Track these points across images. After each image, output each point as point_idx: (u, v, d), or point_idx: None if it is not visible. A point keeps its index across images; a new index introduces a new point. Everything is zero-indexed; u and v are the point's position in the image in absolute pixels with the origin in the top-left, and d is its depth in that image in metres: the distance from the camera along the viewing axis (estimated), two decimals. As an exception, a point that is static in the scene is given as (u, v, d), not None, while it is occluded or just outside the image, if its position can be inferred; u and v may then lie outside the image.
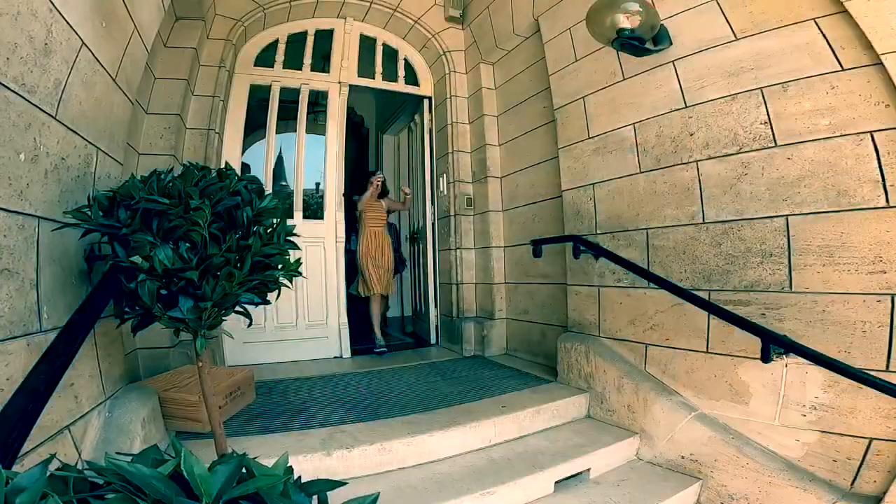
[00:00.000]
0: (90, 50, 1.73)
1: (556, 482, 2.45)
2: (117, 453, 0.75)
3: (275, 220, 1.71)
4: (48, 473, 0.62)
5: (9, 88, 1.29)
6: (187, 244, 1.46)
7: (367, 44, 5.06)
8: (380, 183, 5.13)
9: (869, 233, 2.04)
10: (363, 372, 3.97)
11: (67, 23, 1.57)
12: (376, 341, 4.79)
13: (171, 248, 1.41)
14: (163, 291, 1.47)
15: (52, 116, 1.52)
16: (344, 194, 4.78)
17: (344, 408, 2.95)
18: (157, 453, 0.74)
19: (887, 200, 2.00)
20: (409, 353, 4.85)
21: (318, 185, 7.83)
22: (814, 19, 2.23)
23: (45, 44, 1.46)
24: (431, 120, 5.40)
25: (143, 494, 0.61)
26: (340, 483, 0.84)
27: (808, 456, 2.21)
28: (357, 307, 5.06)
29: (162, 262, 1.38)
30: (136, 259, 1.38)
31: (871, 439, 2.01)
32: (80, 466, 0.77)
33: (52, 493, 0.57)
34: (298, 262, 1.76)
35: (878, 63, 2.01)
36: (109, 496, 0.71)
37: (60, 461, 0.68)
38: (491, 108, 4.81)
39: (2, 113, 1.27)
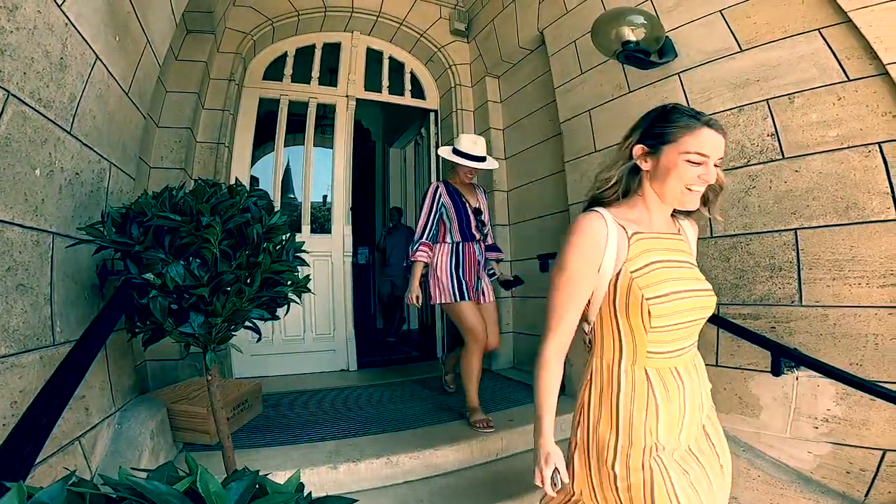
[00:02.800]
0: (104, 64, 1.75)
1: (565, 496, 2.43)
2: (132, 469, 0.76)
3: (284, 237, 1.72)
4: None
5: (25, 103, 1.30)
6: (198, 261, 1.47)
7: (373, 57, 5.11)
8: None
9: (879, 246, 2.03)
10: (370, 385, 3.96)
11: (82, 37, 1.58)
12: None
13: (183, 265, 1.42)
14: (174, 307, 1.48)
15: (66, 131, 1.54)
16: (351, 208, 4.79)
17: (350, 421, 2.94)
18: (172, 470, 0.74)
19: (897, 213, 1.99)
20: (415, 366, 4.84)
21: (324, 197, 7.89)
22: (818, 30, 2.23)
23: (61, 58, 1.47)
24: (438, 133, 5.42)
25: (159, 511, 0.62)
26: (351, 500, 0.84)
27: (820, 468, 2.18)
28: (364, 321, 4.97)
29: (174, 279, 1.39)
30: (149, 276, 1.40)
31: (885, 451, 1.99)
32: (93, 480, 0.78)
33: (71, 510, 0.58)
34: (307, 278, 1.76)
35: (884, 73, 2.00)
36: (123, 512, 0.72)
37: (77, 476, 0.68)
38: (497, 122, 4.82)
39: (19, 128, 1.28)
